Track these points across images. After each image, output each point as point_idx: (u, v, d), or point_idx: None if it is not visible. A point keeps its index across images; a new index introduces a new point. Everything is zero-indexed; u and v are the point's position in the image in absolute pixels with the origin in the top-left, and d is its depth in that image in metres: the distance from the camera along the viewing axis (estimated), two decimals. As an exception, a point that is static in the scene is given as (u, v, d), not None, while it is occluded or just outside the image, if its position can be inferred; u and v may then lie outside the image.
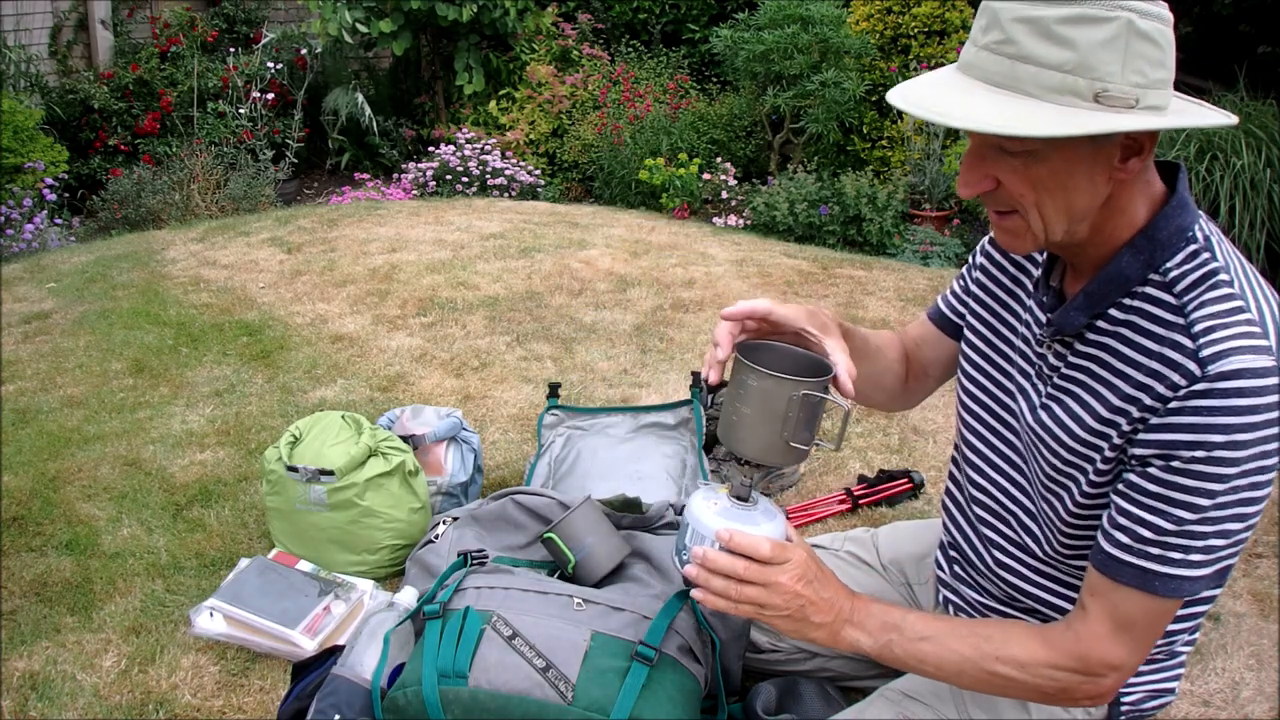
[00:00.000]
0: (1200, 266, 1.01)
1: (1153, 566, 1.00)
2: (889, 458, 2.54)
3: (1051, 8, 0.91)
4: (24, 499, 2.28)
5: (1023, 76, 0.93)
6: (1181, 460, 0.97)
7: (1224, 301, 0.99)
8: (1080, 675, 1.05)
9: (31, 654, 1.78)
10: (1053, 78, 0.92)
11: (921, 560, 1.50)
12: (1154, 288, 1.03)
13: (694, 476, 2.27)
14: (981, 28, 0.97)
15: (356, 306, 3.51)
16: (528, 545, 1.87)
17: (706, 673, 1.50)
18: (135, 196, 5.15)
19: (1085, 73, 0.91)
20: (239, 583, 1.86)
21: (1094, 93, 0.91)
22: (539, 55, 6.26)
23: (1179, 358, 0.98)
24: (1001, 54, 0.94)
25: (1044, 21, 0.91)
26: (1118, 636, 1.04)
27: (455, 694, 1.37)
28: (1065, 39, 0.91)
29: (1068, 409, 1.10)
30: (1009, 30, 0.93)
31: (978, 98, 0.94)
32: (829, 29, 5.11)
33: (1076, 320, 1.08)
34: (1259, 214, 3.77)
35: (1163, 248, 1.03)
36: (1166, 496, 0.99)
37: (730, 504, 1.16)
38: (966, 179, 1.02)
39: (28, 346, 3.17)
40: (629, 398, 2.84)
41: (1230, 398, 0.94)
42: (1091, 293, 1.06)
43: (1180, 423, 0.97)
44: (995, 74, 0.94)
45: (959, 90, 0.97)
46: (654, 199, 5.32)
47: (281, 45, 6.46)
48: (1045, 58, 0.92)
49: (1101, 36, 0.90)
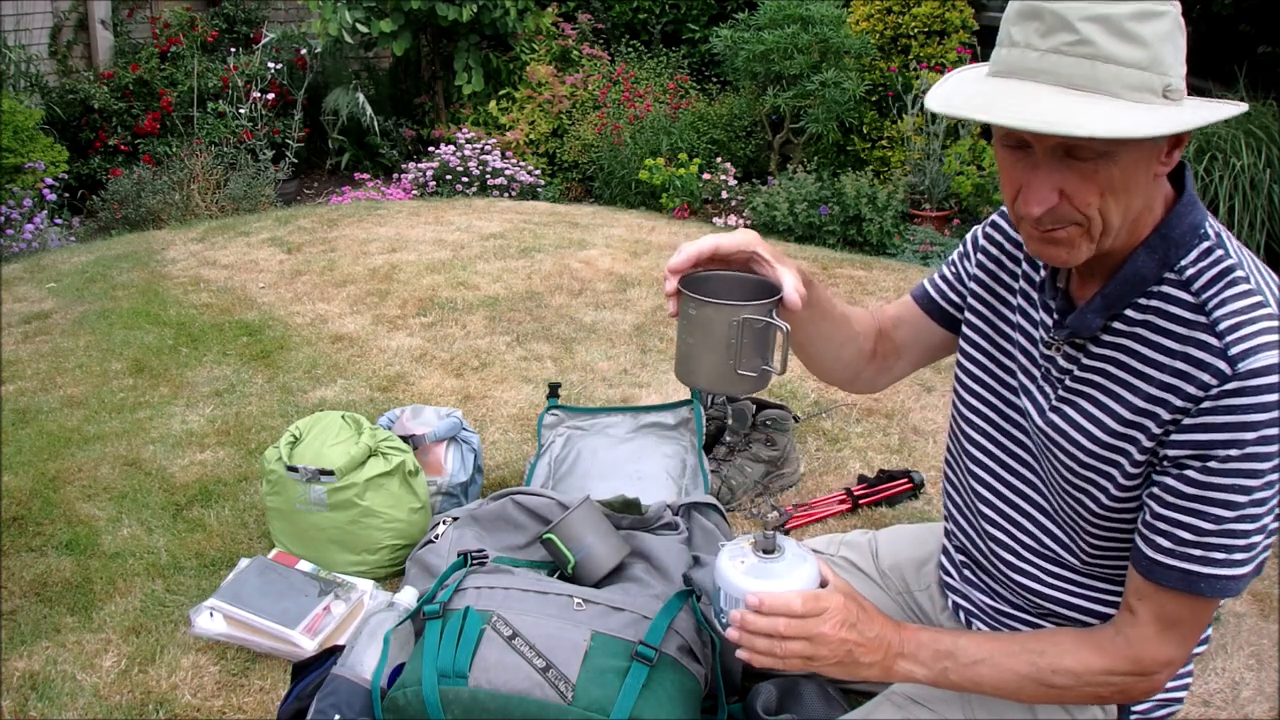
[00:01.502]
0: (1216, 263, 1.01)
1: (1196, 568, 1.00)
2: (889, 458, 2.54)
3: (1119, 4, 0.90)
4: (24, 499, 2.28)
5: (1105, 77, 0.90)
6: (1217, 460, 0.97)
7: (1244, 297, 0.98)
8: (1135, 676, 1.06)
9: (31, 654, 1.78)
10: (1134, 76, 0.90)
11: (922, 566, 1.48)
12: (1171, 286, 1.02)
13: (694, 476, 2.27)
14: (1038, 31, 0.92)
15: (356, 306, 3.51)
16: (528, 545, 1.87)
17: (706, 673, 1.50)
18: (135, 196, 5.15)
19: (1156, 68, 0.91)
20: (239, 583, 1.86)
21: (1163, 87, 0.92)
22: (539, 55, 6.26)
23: (1207, 357, 0.97)
24: (1078, 55, 0.91)
25: (1116, 19, 0.90)
26: (1167, 635, 1.04)
27: (455, 694, 1.37)
28: (1138, 36, 0.90)
29: (1086, 413, 1.08)
30: (1083, 30, 0.90)
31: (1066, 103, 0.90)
32: (829, 29, 5.11)
33: (1093, 323, 1.07)
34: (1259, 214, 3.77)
35: (1177, 246, 1.02)
36: (1204, 497, 0.99)
37: (757, 559, 1.14)
38: (1039, 196, 0.96)
39: (28, 346, 3.17)
40: (629, 398, 2.84)
41: (1262, 394, 0.94)
42: (1109, 294, 1.05)
43: (1214, 422, 0.97)
44: (1075, 76, 0.91)
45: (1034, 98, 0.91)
46: (654, 199, 5.32)
47: (281, 45, 6.45)
48: (1125, 56, 0.90)
49: (1164, 30, 0.91)
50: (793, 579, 1.11)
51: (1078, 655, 1.07)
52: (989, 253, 1.27)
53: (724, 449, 2.39)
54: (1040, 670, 1.07)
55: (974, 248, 1.30)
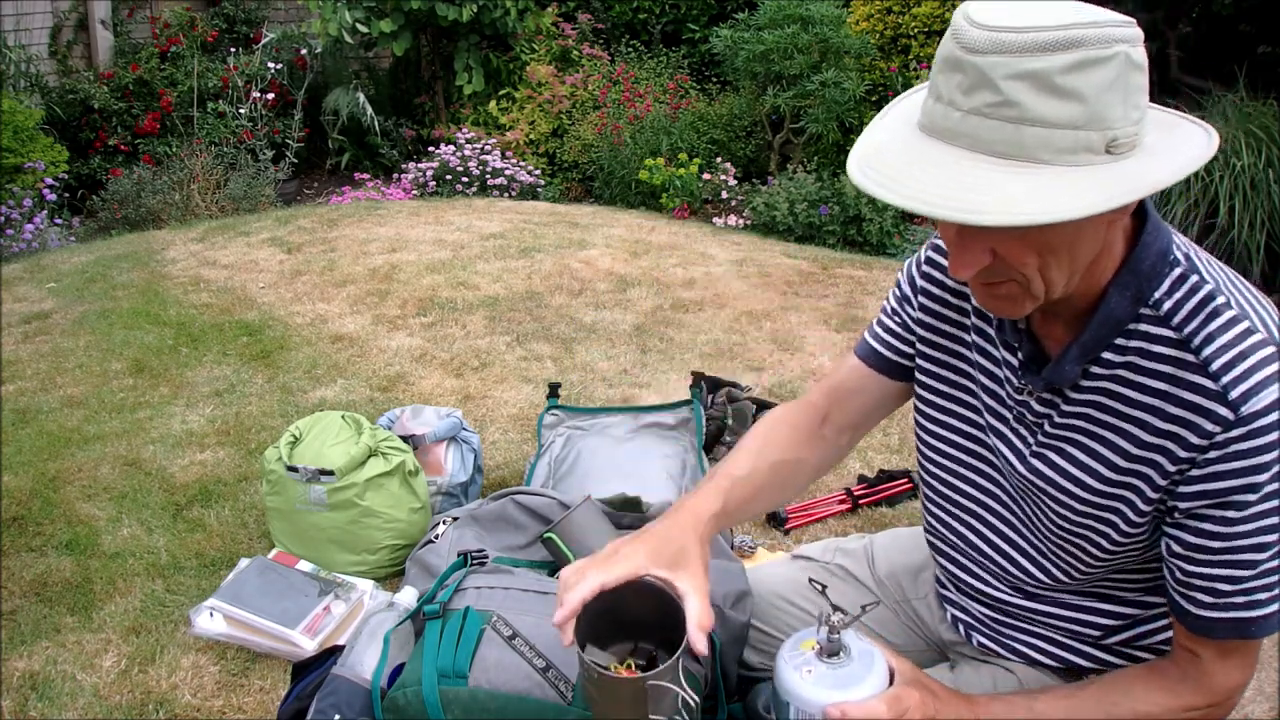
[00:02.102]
0: (1193, 292, 0.95)
1: (1244, 614, 0.97)
2: (889, 458, 2.54)
3: (1050, 57, 0.79)
4: (24, 499, 2.28)
5: (1031, 142, 0.80)
6: (1235, 507, 0.93)
7: (1230, 327, 0.92)
8: (1211, 706, 1.04)
9: (31, 654, 1.79)
10: (1065, 138, 0.80)
11: (919, 574, 1.45)
12: (1148, 323, 0.96)
13: (694, 476, 2.27)
14: (960, 87, 0.82)
15: (356, 306, 3.51)
16: (528, 545, 1.87)
17: (706, 673, 1.50)
18: (135, 196, 5.15)
19: (1096, 124, 0.81)
20: (239, 583, 1.86)
21: (1105, 144, 0.82)
22: (539, 55, 6.26)
23: (1206, 402, 0.92)
24: (1001, 118, 0.81)
25: (1047, 75, 0.79)
26: (1231, 663, 1.02)
27: (455, 694, 1.37)
28: (1072, 90, 0.79)
29: (1076, 460, 1.04)
30: (1007, 90, 0.80)
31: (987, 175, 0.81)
32: (829, 29, 5.11)
33: (1072, 373, 1.00)
34: (1259, 214, 3.77)
35: (1148, 278, 0.95)
36: (1233, 547, 0.95)
37: (824, 666, 1.05)
38: (964, 261, 0.89)
39: (28, 346, 3.17)
40: (629, 398, 2.84)
41: (1269, 433, 0.90)
42: (1085, 342, 0.98)
43: (1225, 469, 0.92)
44: (997, 143, 0.81)
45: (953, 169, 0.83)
46: (654, 199, 5.32)
47: (281, 45, 6.46)
48: (1056, 116, 0.80)
49: (1107, 79, 0.80)
50: (867, 683, 1.04)
51: (1151, 699, 1.04)
52: (930, 293, 1.18)
53: (724, 449, 2.39)
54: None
55: (913, 290, 1.20)
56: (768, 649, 1.52)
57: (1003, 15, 0.81)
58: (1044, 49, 0.79)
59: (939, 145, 0.85)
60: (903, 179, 0.85)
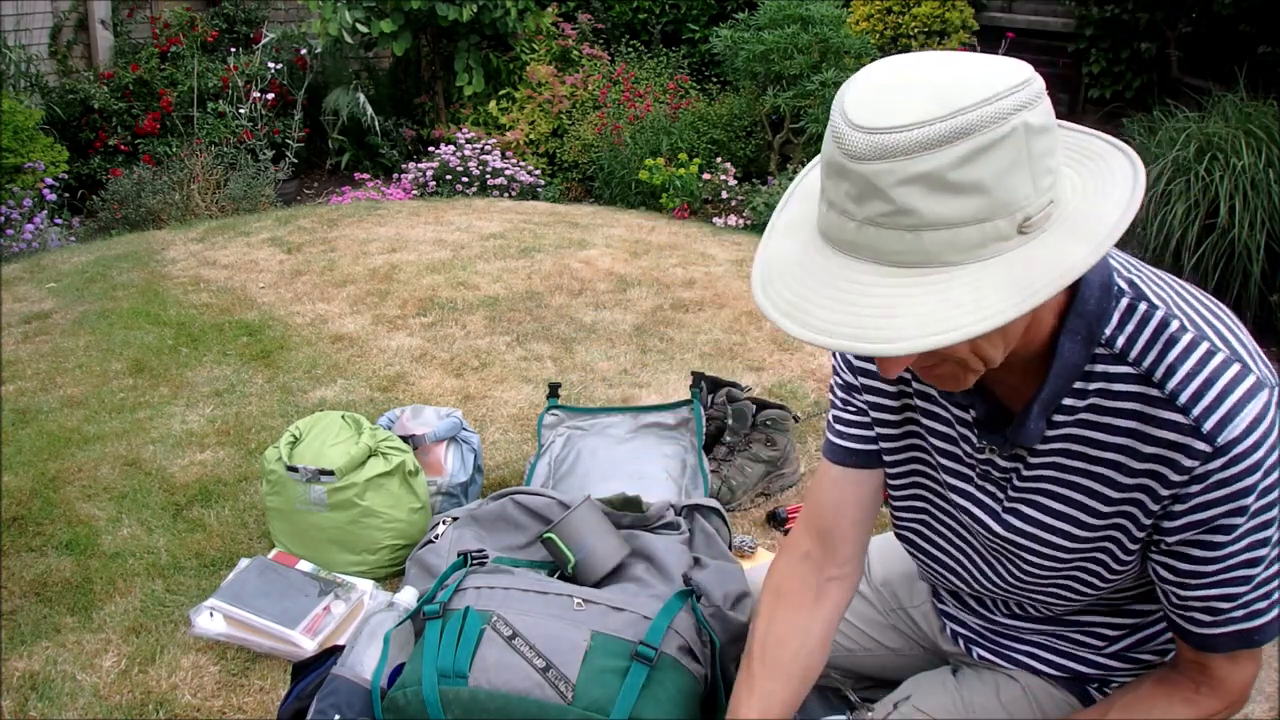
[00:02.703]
0: (1144, 322, 0.91)
1: (1245, 626, 0.97)
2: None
3: (939, 153, 0.72)
4: (24, 499, 2.28)
5: (934, 248, 0.74)
6: (1225, 532, 0.92)
7: (1190, 353, 0.89)
8: (1229, 708, 1.04)
9: (31, 654, 1.79)
10: (971, 235, 0.74)
11: (914, 582, 1.43)
12: (1105, 363, 0.92)
13: (694, 476, 2.27)
14: (851, 196, 0.76)
15: (356, 306, 3.51)
16: (528, 545, 1.87)
17: (706, 673, 1.50)
18: (135, 196, 5.15)
19: (1002, 212, 0.74)
20: (239, 583, 1.86)
21: (1016, 226, 0.75)
22: (539, 55, 6.26)
23: (1180, 437, 0.89)
24: (897, 227, 0.74)
25: (938, 175, 0.72)
26: (1239, 665, 1.02)
27: (455, 694, 1.37)
28: (970, 184, 0.73)
29: (1052, 511, 1.02)
30: (898, 198, 0.73)
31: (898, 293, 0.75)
32: (829, 29, 5.11)
33: (1037, 431, 0.96)
34: (1259, 214, 3.76)
35: (1096, 318, 0.91)
36: (1227, 567, 0.94)
37: None
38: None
39: (28, 346, 3.17)
40: (629, 398, 2.84)
41: (1251, 456, 0.88)
42: (1045, 399, 0.94)
43: (1210, 499, 0.91)
44: (898, 253, 0.75)
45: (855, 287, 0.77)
46: (654, 199, 5.32)
47: (281, 45, 6.45)
48: (956, 215, 0.73)
49: (1006, 161, 0.73)
50: None
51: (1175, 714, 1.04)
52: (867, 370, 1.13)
53: (724, 449, 2.39)
54: None
55: (852, 373, 1.15)
56: None
57: (881, 111, 0.74)
58: (930, 146, 0.72)
59: (840, 259, 0.79)
60: (806, 306, 0.79)
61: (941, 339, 0.73)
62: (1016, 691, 1.24)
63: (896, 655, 1.45)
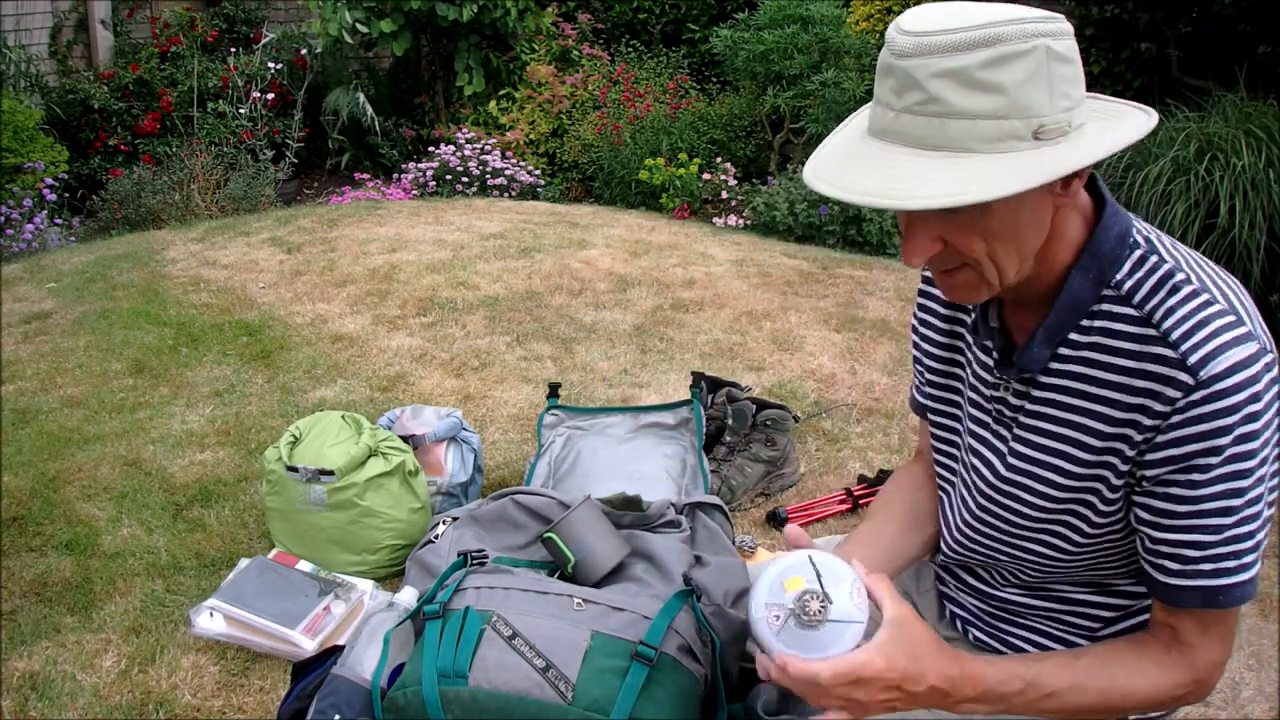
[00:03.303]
0: (1153, 271, 0.99)
1: (1211, 582, 0.99)
2: (889, 457, 2.54)
3: (969, 54, 0.85)
4: (24, 499, 2.28)
5: (957, 134, 0.87)
6: (1200, 470, 0.95)
7: (1190, 300, 0.96)
8: (1196, 683, 1.05)
9: (31, 654, 1.79)
10: (989, 128, 0.87)
11: (922, 569, 1.47)
12: (1111, 304, 1.00)
13: (694, 476, 2.27)
14: (893, 89, 0.90)
15: (356, 306, 3.51)
16: (528, 545, 1.87)
17: (706, 673, 1.50)
18: (135, 196, 5.15)
19: (1019, 113, 0.87)
20: (239, 583, 1.86)
21: (1032, 131, 0.87)
22: (539, 55, 6.26)
23: (1167, 370, 0.95)
24: (928, 114, 0.88)
25: (966, 71, 0.85)
26: (1211, 639, 1.03)
27: (455, 694, 1.37)
28: (992, 84, 0.86)
29: (1049, 449, 1.07)
30: (931, 88, 0.87)
31: (918, 167, 0.88)
32: (829, 29, 5.11)
33: (1041, 356, 1.04)
34: (1259, 214, 3.76)
35: (1108, 261, 1.00)
36: (1199, 511, 0.97)
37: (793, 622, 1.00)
38: (913, 249, 0.96)
39: (28, 346, 3.17)
40: (629, 398, 2.84)
41: (1230, 396, 0.92)
42: (1050, 325, 1.02)
43: (1188, 434, 0.95)
44: (927, 137, 0.88)
45: (891, 162, 0.90)
46: (654, 199, 5.32)
47: (281, 45, 6.46)
48: (976, 108, 0.86)
49: (1026, 71, 0.86)
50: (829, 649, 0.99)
51: (1145, 677, 1.05)
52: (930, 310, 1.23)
53: (724, 449, 2.39)
54: (1111, 698, 1.05)
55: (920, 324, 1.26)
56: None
57: (928, 21, 0.88)
58: (962, 48, 0.85)
59: (879, 145, 0.92)
60: (846, 177, 0.93)
61: (953, 200, 0.85)
62: None
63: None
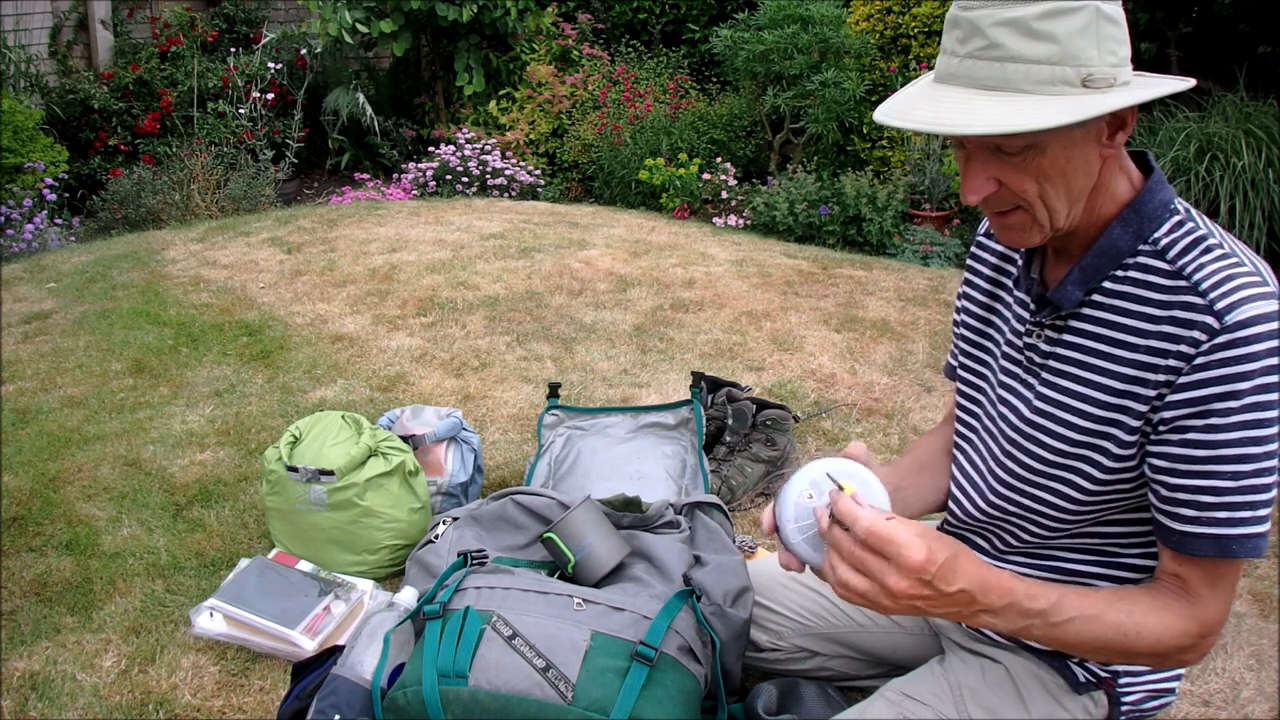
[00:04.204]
0: (1188, 234, 1.05)
1: (1226, 531, 1.01)
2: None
3: (1027, 6, 0.95)
4: (24, 499, 2.28)
5: (1013, 76, 0.96)
6: (1218, 415, 0.98)
7: (1222, 260, 1.02)
8: (1200, 637, 1.06)
9: (31, 654, 1.78)
10: (1042, 71, 0.96)
11: None
12: (1146, 257, 1.06)
13: (694, 476, 2.27)
14: (958, 39, 1.00)
15: (356, 306, 3.51)
16: (528, 545, 1.87)
17: (706, 673, 1.50)
18: (135, 196, 5.15)
19: (1070, 61, 0.96)
20: (239, 583, 1.86)
21: (1081, 78, 0.96)
22: (539, 55, 6.26)
23: (1194, 316, 1.00)
24: (989, 58, 0.97)
25: (1023, 21, 0.95)
26: (1218, 593, 1.05)
27: (455, 694, 1.37)
28: (1046, 33, 0.95)
29: (1071, 391, 1.11)
30: (992, 35, 0.96)
31: (976, 102, 0.97)
32: (829, 29, 5.11)
33: (1073, 295, 1.10)
34: (1259, 214, 3.77)
35: (1150, 220, 1.07)
36: (1217, 456, 1.00)
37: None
38: (971, 185, 1.04)
39: (28, 346, 3.17)
40: (629, 398, 2.84)
41: (1253, 344, 0.97)
42: (1086, 266, 1.09)
43: (1208, 377, 0.98)
44: (987, 78, 0.98)
45: (949, 100, 0.99)
46: (654, 199, 5.32)
47: (281, 45, 6.45)
48: (1032, 54, 0.95)
49: (1077, 25, 0.95)
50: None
51: (1157, 617, 1.05)
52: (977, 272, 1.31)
53: (724, 449, 2.39)
54: (1126, 631, 1.05)
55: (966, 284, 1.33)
56: (775, 627, 1.57)
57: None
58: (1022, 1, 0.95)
59: (942, 87, 1.02)
60: (909, 112, 1.02)
61: (1003, 128, 0.94)
62: (1001, 674, 1.29)
63: (906, 634, 1.51)
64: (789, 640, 1.57)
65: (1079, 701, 1.24)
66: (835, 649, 1.57)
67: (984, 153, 1.02)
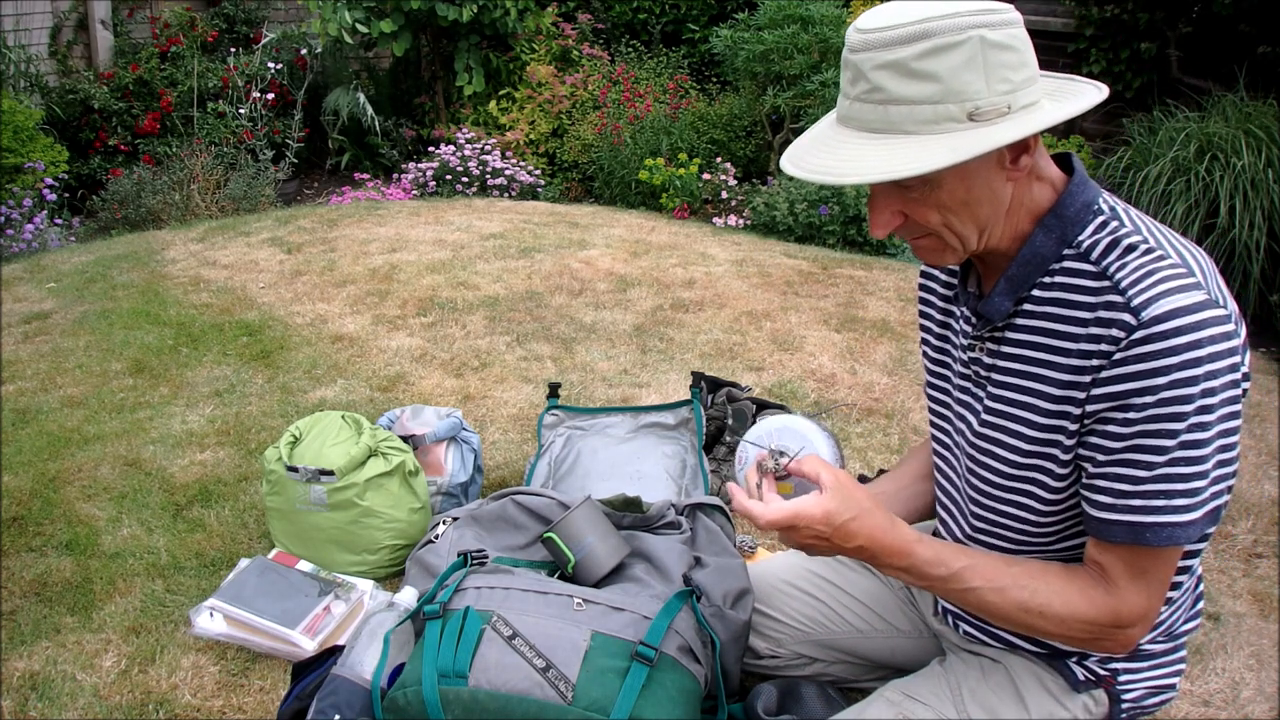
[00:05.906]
0: (1111, 234, 1.05)
1: (1139, 519, 1.02)
2: (889, 458, 2.54)
3: (906, 48, 0.95)
4: (24, 499, 2.28)
5: (896, 118, 0.97)
6: (1135, 409, 1.00)
7: (1144, 255, 1.02)
8: (1113, 628, 1.08)
9: (31, 654, 1.79)
10: (925, 111, 0.96)
11: None
12: (1071, 260, 1.07)
13: (694, 476, 2.27)
14: (849, 80, 1.01)
15: (356, 306, 3.51)
16: (528, 545, 1.87)
17: (706, 673, 1.51)
18: (135, 196, 5.15)
19: (954, 98, 0.96)
20: (239, 583, 1.86)
21: (967, 113, 0.96)
22: (539, 55, 6.26)
23: (1113, 314, 1.01)
24: (873, 101, 0.98)
25: (903, 63, 0.95)
26: (1138, 585, 1.06)
27: (455, 694, 1.37)
28: (927, 73, 0.95)
29: (1015, 401, 1.12)
30: (874, 79, 0.97)
31: (863, 148, 0.99)
32: (829, 29, 5.11)
33: (1003, 306, 1.12)
34: (1259, 214, 3.76)
35: (1072, 223, 1.07)
36: (1132, 446, 1.01)
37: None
38: (877, 220, 1.06)
39: (28, 346, 3.17)
40: (629, 398, 2.84)
41: (1169, 339, 0.97)
42: (1012, 276, 1.10)
43: (1125, 372, 1.00)
44: (872, 121, 0.99)
45: (842, 144, 1.01)
46: (654, 199, 5.32)
47: (281, 45, 6.45)
48: (914, 95, 0.96)
49: (960, 60, 0.95)
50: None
51: (1065, 599, 1.08)
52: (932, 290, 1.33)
53: (724, 449, 2.39)
54: (1029, 609, 1.09)
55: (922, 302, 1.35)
56: (774, 634, 1.57)
57: (877, 19, 0.98)
58: (900, 42, 0.96)
59: (837, 129, 1.04)
60: (803, 159, 1.04)
61: (882, 176, 0.95)
62: (1001, 674, 1.29)
63: (905, 638, 1.51)
64: (788, 647, 1.58)
65: (1079, 700, 1.25)
66: (834, 655, 1.57)
67: (886, 188, 1.04)
